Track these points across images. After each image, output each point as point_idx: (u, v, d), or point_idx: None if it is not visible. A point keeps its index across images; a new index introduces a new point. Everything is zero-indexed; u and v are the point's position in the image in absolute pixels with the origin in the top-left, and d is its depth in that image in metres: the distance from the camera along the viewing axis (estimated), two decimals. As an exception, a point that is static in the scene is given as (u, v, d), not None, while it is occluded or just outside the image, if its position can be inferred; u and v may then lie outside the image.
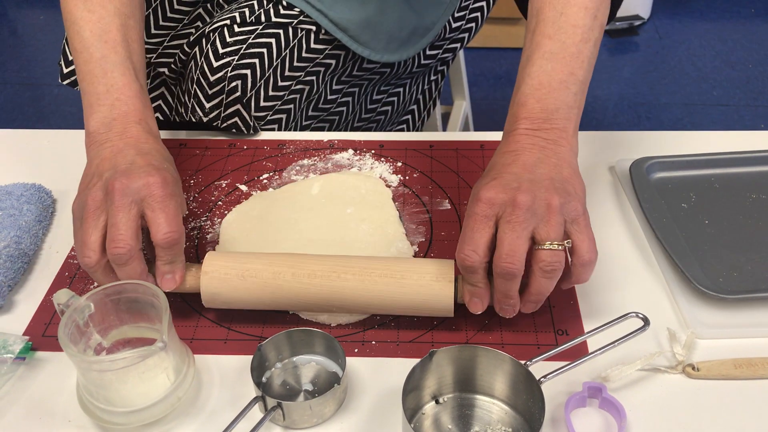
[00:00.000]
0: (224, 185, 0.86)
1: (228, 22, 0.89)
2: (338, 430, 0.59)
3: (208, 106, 0.90)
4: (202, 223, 0.80)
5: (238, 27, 0.89)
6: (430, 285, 0.64)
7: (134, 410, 0.57)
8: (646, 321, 0.61)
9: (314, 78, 0.93)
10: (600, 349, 0.59)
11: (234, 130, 0.92)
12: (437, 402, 0.60)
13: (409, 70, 1.03)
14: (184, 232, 0.66)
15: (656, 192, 0.79)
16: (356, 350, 0.65)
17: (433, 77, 1.13)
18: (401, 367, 0.62)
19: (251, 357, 0.60)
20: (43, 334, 0.68)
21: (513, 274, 0.59)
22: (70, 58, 0.98)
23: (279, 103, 0.92)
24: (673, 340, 0.64)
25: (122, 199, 0.63)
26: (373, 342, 0.66)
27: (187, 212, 0.71)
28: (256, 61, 0.88)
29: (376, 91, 1.05)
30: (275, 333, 0.62)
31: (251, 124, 0.91)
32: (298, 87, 0.93)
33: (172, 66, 0.95)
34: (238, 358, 0.65)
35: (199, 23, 0.95)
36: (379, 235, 0.76)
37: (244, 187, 0.85)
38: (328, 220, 0.79)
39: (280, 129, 0.95)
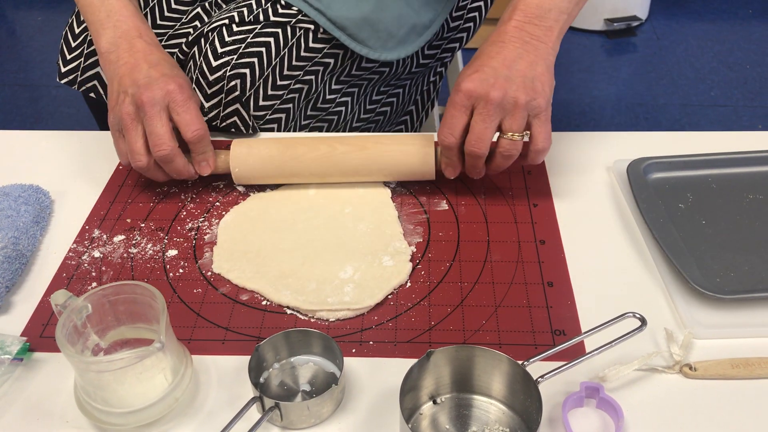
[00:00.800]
0: (222, 186, 0.86)
1: (226, 21, 0.89)
2: (336, 431, 0.59)
3: (207, 105, 0.90)
4: (200, 224, 0.80)
5: (237, 26, 0.89)
6: (415, 148, 0.80)
7: (132, 411, 0.57)
8: (643, 321, 0.61)
9: (313, 77, 0.93)
10: (597, 349, 0.59)
11: (233, 130, 0.92)
12: (435, 402, 0.60)
13: (407, 70, 1.03)
14: (207, 126, 0.79)
15: (653, 192, 0.79)
16: (354, 350, 0.65)
17: (431, 78, 1.13)
18: (399, 367, 0.61)
19: (249, 357, 0.60)
20: (40, 335, 0.68)
21: (479, 156, 0.75)
22: (68, 57, 0.98)
23: (278, 102, 0.92)
24: (671, 340, 0.64)
25: (152, 108, 0.75)
26: (371, 342, 0.66)
27: (200, 105, 0.84)
28: (255, 60, 0.89)
29: (375, 92, 1.05)
30: (273, 334, 0.62)
31: (250, 123, 0.91)
32: (297, 86, 0.93)
33: None
34: (235, 359, 0.65)
35: (197, 23, 0.95)
36: (377, 235, 0.76)
37: (241, 188, 0.85)
38: (326, 219, 0.79)
39: (279, 129, 0.95)
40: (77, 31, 0.98)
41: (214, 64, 0.88)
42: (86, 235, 0.79)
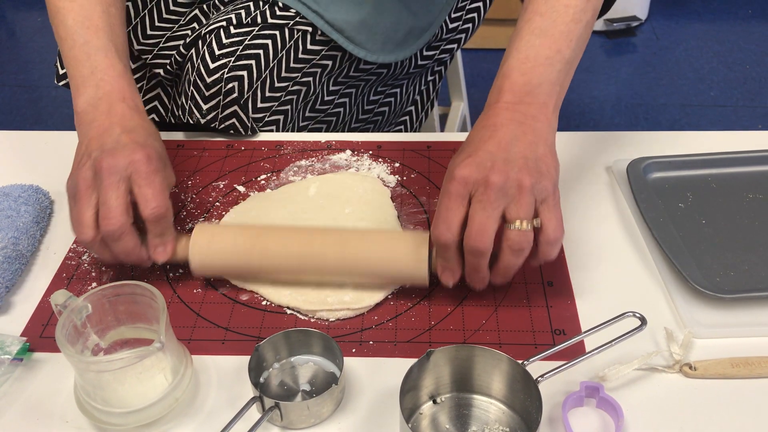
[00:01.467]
0: (222, 186, 0.86)
1: (224, 23, 0.89)
2: (336, 431, 0.59)
3: (205, 107, 0.90)
4: (200, 224, 0.80)
5: (235, 28, 0.89)
6: (406, 253, 0.67)
7: (132, 411, 0.57)
8: (643, 320, 0.61)
9: (311, 79, 0.93)
10: (597, 348, 0.59)
11: (232, 132, 0.92)
12: (435, 402, 0.60)
13: (406, 71, 1.03)
14: (171, 206, 0.69)
15: (653, 192, 0.79)
16: (354, 350, 0.65)
17: (430, 78, 1.13)
18: (399, 367, 0.62)
19: (249, 357, 0.60)
20: (40, 335, 0.68)
21: (481, 252, 0.62)
22: None
23: (276, 104, 0.92)
24: (671, 339, 0.64)
25: (110, 177, 0.66)
26: (371, 342, 0.66)
27: (175, 184, 0.75)
28: (253, 62, 0.89)
29: (374, 92, 1.05)
30: (273, 334, 0.62)
31: (249, 125, 0.91)
32: (295, 88, 0.93)
33: (168, 67, 0.95)
34: (235, 359, 0.65)
35: (195, 24, 0.95)
36: (377, 236, 0.76)
37: (241, 188, 0.85)
38: (326, 220, 0.79)
39: (277, 130, 0.95)
40: None
41: (212, 66, 0.88)
42: (86, 235, 0.79)
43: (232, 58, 0.88)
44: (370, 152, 0.90)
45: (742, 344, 0.64)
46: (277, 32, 0.89)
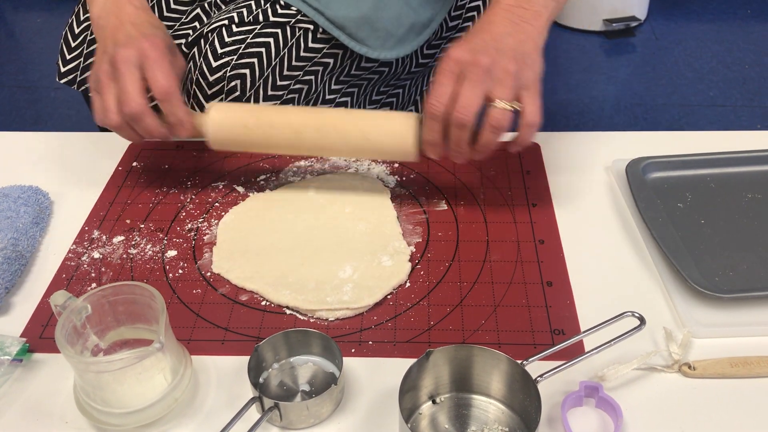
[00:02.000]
0: (221, 187, 0.86)
1: (226, 22, 0.89)
2: (335, 431, 0.59)
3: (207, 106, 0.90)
4: (200, 225, 0.80)
5: (236, 27, 0.89)
6: (397, 123, 0.75)
7: (131, 411, 0.57)
8: (642, 320, 0.61)
9: (313, 77, 0.93)
10: (596, 348, 0.59)
11: None
12: (434, 402, 0.60)
13: (407, 69, 1.03)
14: (178, 85, 0.77)
15: (652, 192, 0.79)
16: (353, 350, 0.65)
17: (431, 77, 1.13)
18: (398, 367, 0.61)
19: (248, 358, 0.60)
20: (40, 335, 0.68)
21: (464, 124, 0.69)
22: (68, 57, 0.98)
23: (278, 102, 0.92)
24: (670, 339, 0.64)
25: (124, 65, 0.74)
26: (370, 342, 0.66)
27: (185, 68, 0.84)
28: (255, 60, 0.89)
29: (375, 92, 1.05)
30: (272, 334, 0.62)
31: None
32: (297, 86, 0.93)
33: None
34: (235, 359, 0.65)
35: (196, 23, 0.95)
36: (376, 235, 0.76)
37: (241, 189, 0.85)
38: (326, 219, 0.79)
39: None
40: (77, 31, 0.98)
41: (214, 64, 0.88)
42: (86, 236, 0.79)
43: (235, 56, 0.88)
44: (370, 152, 0.90)
45: (741, 344, 0.64)
46: (279, 30, 0.90)
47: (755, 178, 0.82)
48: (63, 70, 0.99)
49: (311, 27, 0.91)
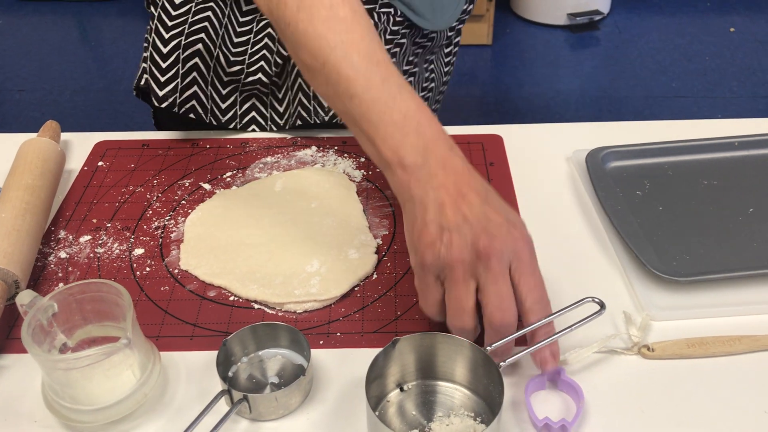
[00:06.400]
0: (187, 184, 0.86)
1: None
2: (305, 421, 0.60)
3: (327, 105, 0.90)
4: (166, 223, 0.80)
5: None
6: None
7: (100, 408, 0.57)
8: (602, 305, 0.63)
9: (395, 60, 0.95)
10: (557, 333, 0.61)
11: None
12: (402, 389, 0.61)
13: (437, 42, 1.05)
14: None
15: (612, 180, 0.81)
16: (321, 342, 0.66)
17: (429, 74, 1.15)
18: (366, 357, 0.62)
19: (217, 352, 0.61)
20: (7, 336, 0.68)
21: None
22: (162, 79, 0.90)
23: None
24: (629, 322, 0.66)
25: (499, 264, 0.58)
26: (338, 333, 0.67)
27: None
28: None
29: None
30: (241, 328, 0.63)
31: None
32: None
33: (262, 74, 0.93)
34: (204, 354, 0.65)
35: (269, 30, 0.93)
36: (343, 229, 0.77)
37: (207, 186, 0.85)
38: (293, 215, 0.80)
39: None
40: (164, 50, 0.89)
41: None
42: (52, 236, 0.79)
43: None
44: (336, 148, 0.91)
45: (698, 325, 0.66)
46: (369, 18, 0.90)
47: (711, 165, 0.84)
48: (161, 94, 0.90)
49: (391, 11, 0.91)
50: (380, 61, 0.64)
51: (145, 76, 0.92)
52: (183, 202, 0.83)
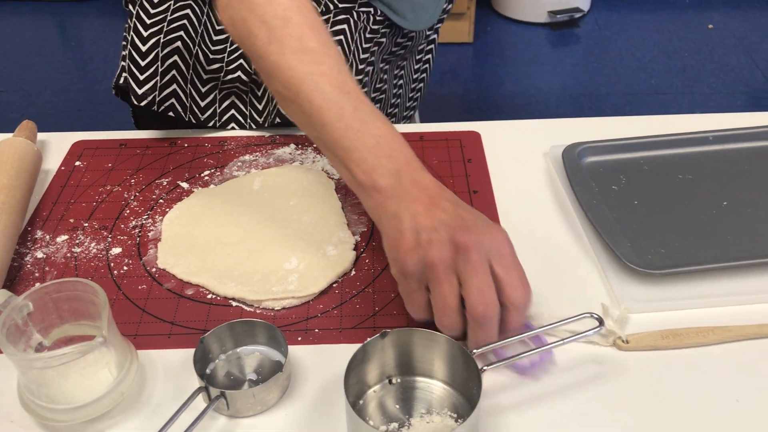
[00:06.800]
0: (165, 183, 0.86)
1: None
2: (283, 417, 0.60)
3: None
4: (144, 222, 0.80)
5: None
6: None
7: (77, 406, 0.57)
8: (600, 322, 0.60)
9: (375, 59, 0.95)
10: (550, 344, 0.60)
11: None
12: (390, 382, 0.61)
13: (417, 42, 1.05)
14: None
15: (588, 175, 0.82)
16: (300, 339, 0.66)
17: (419, 76, 1.15)
18: (345, 352, 0.62)
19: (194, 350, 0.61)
20: (-17, 337, 0.67)
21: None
22: (141, 77, 0.89)
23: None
24: (606, 315, 0.66)
25: (478, 255, 0.58)
26: (317, 330, 0.67)
27: None
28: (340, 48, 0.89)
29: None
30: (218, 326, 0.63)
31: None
32: (367, 69, 0.94)
33: (242, 72, 0.93)
34: (182, 352, 0.65)
35: None
36: (321, 226, 0.77)
37: (185, 185, 0.85)
38: (271, 212, 0.80)
39: None
40: (143, 48, 0.89)
41: None
42: (29, 236, 0.79)
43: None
44: (314, 145, 0.91)
45: (673, 317, 0.67)
46: (348, 16, 0.90)
47: (685, 159, 0.85)
48: (140, 92, 0.90)
49: (371, 10, 0.92)
50: (351, 91, 0.66)
51: (124, 74, 0.92)
52: (161, 201, 0.83)
